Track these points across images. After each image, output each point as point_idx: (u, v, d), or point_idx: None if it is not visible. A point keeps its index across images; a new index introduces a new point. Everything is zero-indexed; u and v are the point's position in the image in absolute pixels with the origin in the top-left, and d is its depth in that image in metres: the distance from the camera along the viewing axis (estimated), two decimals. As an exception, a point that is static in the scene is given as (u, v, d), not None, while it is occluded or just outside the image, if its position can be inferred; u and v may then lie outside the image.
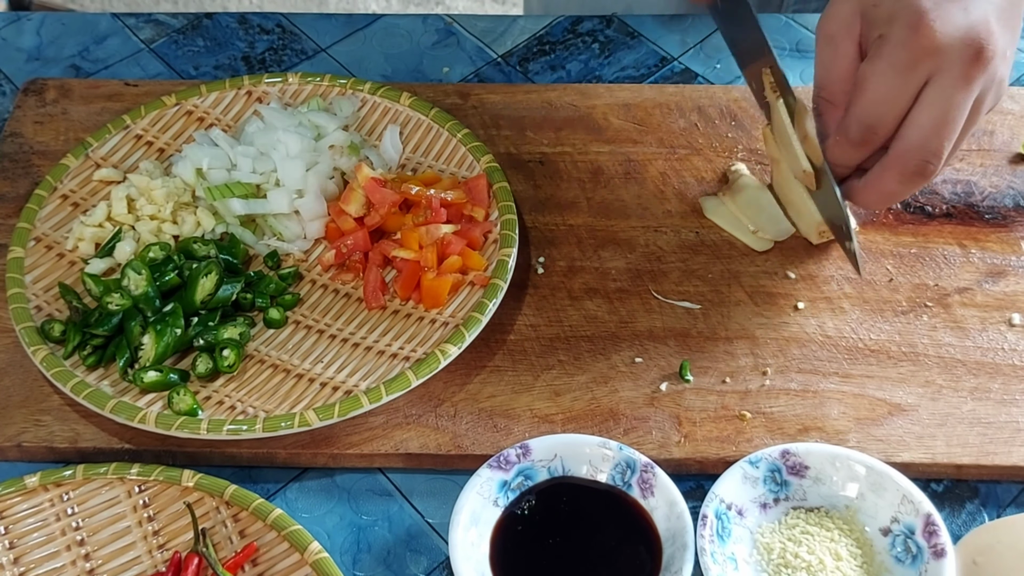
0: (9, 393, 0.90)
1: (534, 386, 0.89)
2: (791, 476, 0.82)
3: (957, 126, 0.82)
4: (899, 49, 0.81)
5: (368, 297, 0.94)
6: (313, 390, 0.88)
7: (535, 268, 0.97)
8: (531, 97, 1.09)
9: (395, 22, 1.20)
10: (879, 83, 0.82)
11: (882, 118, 0.83)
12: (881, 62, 0.82)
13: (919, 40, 0.80)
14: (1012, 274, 0.95)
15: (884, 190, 0.85)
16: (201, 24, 1.19)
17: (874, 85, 0.82)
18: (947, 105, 0.81)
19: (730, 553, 0.79)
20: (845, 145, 0.85)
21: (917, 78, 0.81)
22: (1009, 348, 0.91)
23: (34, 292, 0.94)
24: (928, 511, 0.78)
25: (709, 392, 0.89)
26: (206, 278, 0.92)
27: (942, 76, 0.80)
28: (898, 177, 0.84)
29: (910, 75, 0.81)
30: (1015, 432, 0.86)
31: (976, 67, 0.80)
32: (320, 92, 1.08)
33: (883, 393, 0.88)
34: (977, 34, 0.80)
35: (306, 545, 0.79)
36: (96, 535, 0.82)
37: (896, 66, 0.81)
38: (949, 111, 0.81)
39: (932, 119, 0.81)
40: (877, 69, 0.82)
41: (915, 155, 0.82)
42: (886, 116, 0.83)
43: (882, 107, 0.82)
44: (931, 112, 0.81)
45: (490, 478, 0.81)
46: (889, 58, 0.81)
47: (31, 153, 1.06)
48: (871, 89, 0.82)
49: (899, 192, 0.85)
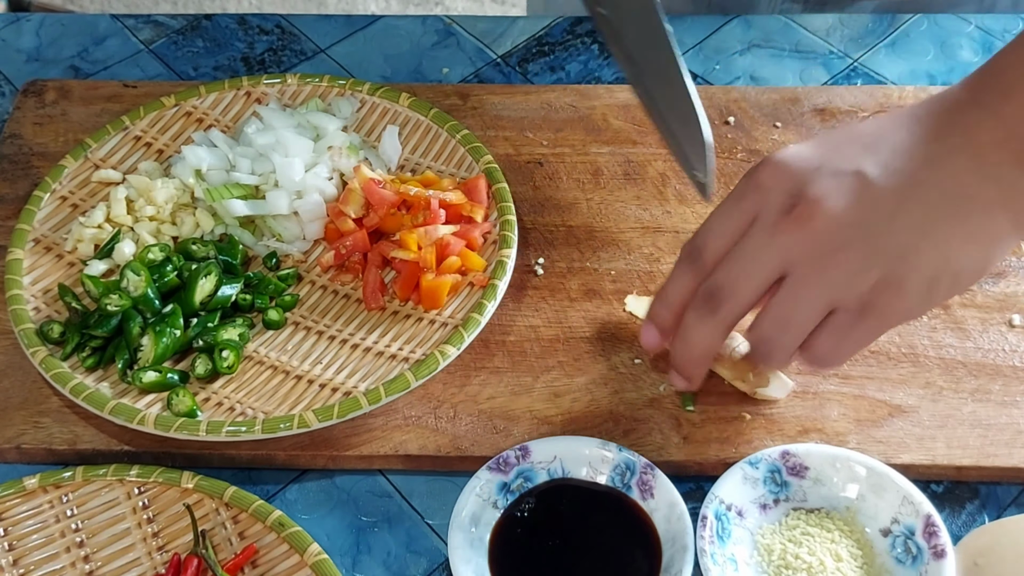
0: (8, 395, 0.89)
1: (533, 387, 0.89)
2: (791, 477, 0.82)
3: (751, 273, 0.74)
4: (740, 183, 0.77)
5: (367, 298, 0.94)
6: (312, 391, 0.88)
7: (534, 269, 0.97)
8: (530, 98, 1.09)
9: (394, 23, 1.20)
10: (714, 210, 0.77)
11: (703, 242, 0.77)
12: (729, 194, 0.77)
13: (753, 173, 0.75)
14: (1012, 275, 0.95)
15: (683, 327, 0.78)
16: (200, 25, 1.19)
17: (712, 213, 0.77)
18: (747, 245, 0.74)
19: (730, 554, 0.79)
20: (676, 267, 0.79)
21: (741, 211, 0.75)
22: (1010, 349, 0.91)
23: (33, 293, 0.94)
24: (928, 512, 0.78)
25: (708, 394, 0.88)
26: (205, 279, 0.92)
27: (758, 221, 0.74)
28: (690, 307, 0.77)
29: (736, 206, 0.75)
30: (1016, 434, 0.86)
31: (785, 220, 0.72)
32: (319, 93, 1.08)
33: (883, 394, 0.88)
34: (803, 188, 0.72)
35: (306, 546, 0.79)
36: (96, 537, 0.82)
37: (732, 194, 0.76)
38: (747, 253, 0.74)
39: (732, 255, 0.75)
40: (723, 200, 0.77)
41: (707, 287, 0.76)
42: (705, 240, 0.77)
43: (705, 231, 0.77)
44: (735, 253, 0.75)
45: (489, 480, 0.81)
46: (732, 191, 0.77)
47: (30, 154, 1.06)
48: (710, 216, 0.78)
49: (691, 331, 0.77)
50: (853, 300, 0.72)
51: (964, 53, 1.15)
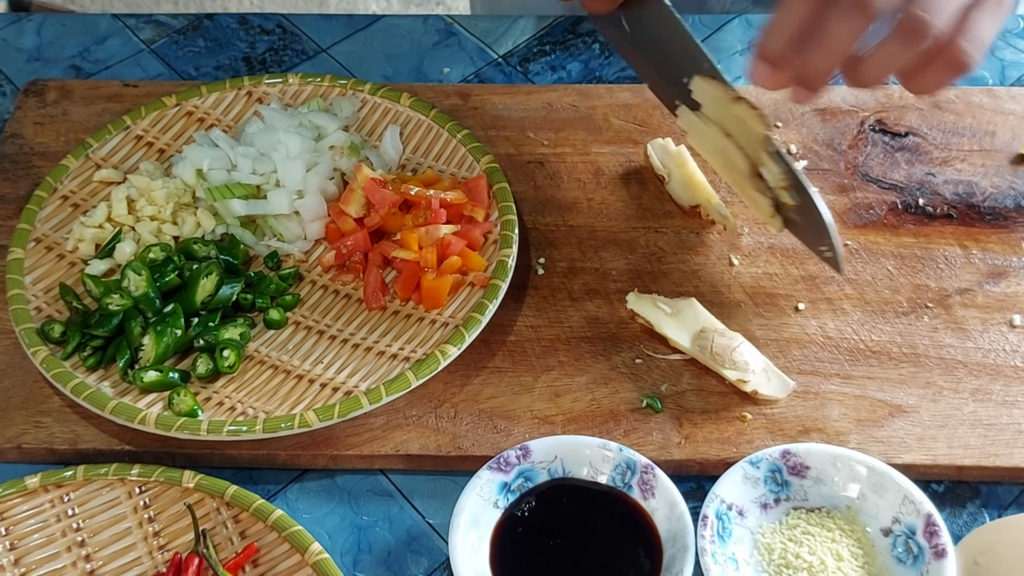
0: (9, 395, 0.90)
1: (534, 387, 0.89)
2: (792, 476, 0.82)
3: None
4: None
5: (368, 298, 0.94)
6: (313, 391, 0.88)
7: (535, 269, 0.97)
8: (531, 98, 1.09)
9: (395, 22, 1.20)
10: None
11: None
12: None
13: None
14: (1013, 275, 0.95)
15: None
16: (201, 25, 1.19)
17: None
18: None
19: (731, 554, 0.79)
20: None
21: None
22: (1010, 349, 0.91)
23: (34, 293, 0.94)
24: (929, 511, 0.78)
25: (710, 393, 0.89)
26: (206, 279, 0.92)
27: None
28: (833, 13, 0.76)
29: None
30: (1016, 434, 0.86)
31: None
32: (320, 93, 1.08)
33: (884, 394, 0.88)
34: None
35: (307, 546, 0.79)
36: (97, 536, 0.82)
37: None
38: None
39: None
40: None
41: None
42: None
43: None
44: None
45: (490, 480, 0.81)
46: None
47: (31, 154, 1.06)
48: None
49: (836, 30, 0.76)
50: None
51: (965, 53, 1.15)
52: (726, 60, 1.14)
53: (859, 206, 1.00)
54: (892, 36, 0.77)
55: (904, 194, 1.01)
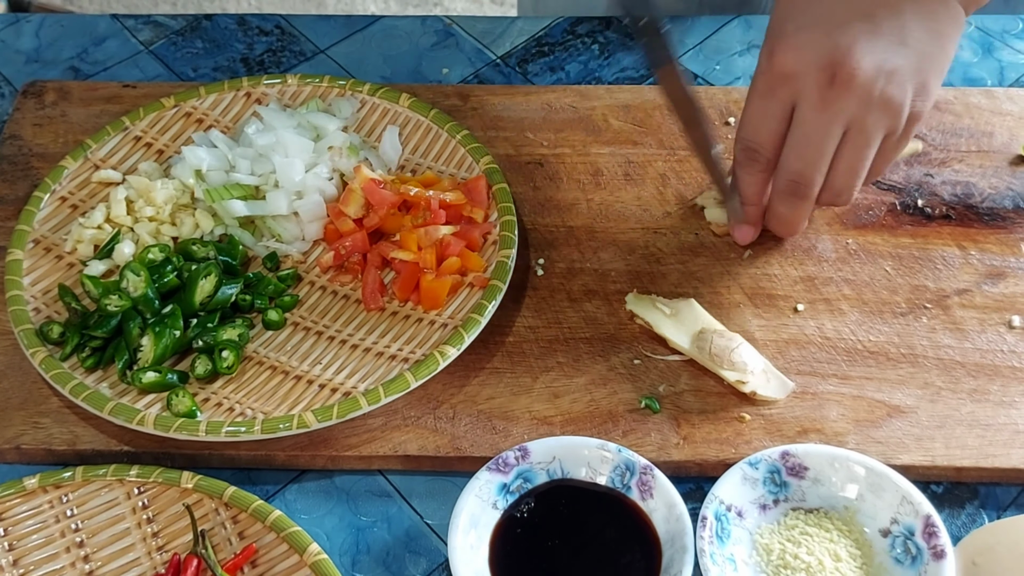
0: (8, 395, 0.89)
1: (533, 388, 0.89)
2: (790, 477, 0.82)
3: (821, 149, 0.84)
4: (760, 76, 0.85)
5: (367, 298, 0.94)
6: (312, 392, 0.88)
7: (534, 270, 0.97)
8: (530, 98, 1.09)
9: (394, 23, 1.20)
10: (750, 107, 0.87)
11: (756, 140, 0.87)
12: (752, 87, 0.86)
13: (774, 66, 0.83)
14: (1011, 276, 0.95)
15: (773, 212, 0.91)
16: (200, 26, 1.19)
17: (747, 109, 0.87)
18: (806, 129, 0.84)
19: (729, 554, 0.79)
20: (736, 168, 0.90)
21: (780, 103, 0.84)
22: (1008, 350, 0.91)
23: (33, 294, 0.94)
24: (928, 512, 0.78)
25: (708, 394, 0.89)
26: (205, 280, 0.92)
27: (801, 100, 0.83)
28: (778, 199, 0.89)
29: (772, 100, 0.84)
30: (1014, 434, 0.86)
31: (832, 90, 0.81)
32: (319, 93, 1.08)
33: (882, 395, 0.88)
34: (833, 57, 0.80)
35: (305, 546, 0.79)
36: (96, 537, 0.82)
37: (760, 92, 0.85)
38: (810, 134, 0.84)
39: (795, 142, 0.85)
40: (750, 94, 0.87)
41: (784, 176, 0.87)
42: (760, 138, 0.87)
43: (753, 129, 0.87)
44: (794, 136, 0.85)
45: (489, 481, 0.81)
46: (755, 83, 0.86)
47: (30, 155, 1.06)
48: (745, 112, 0.87)
49: (785, 214, 0.91)
50: (902, 119, 0.84)
51: (963, 53, 1.15)
52: (725, 61, 1.14)
53: (857, 207, 1.00)
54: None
55: (902, 195, 1.01)
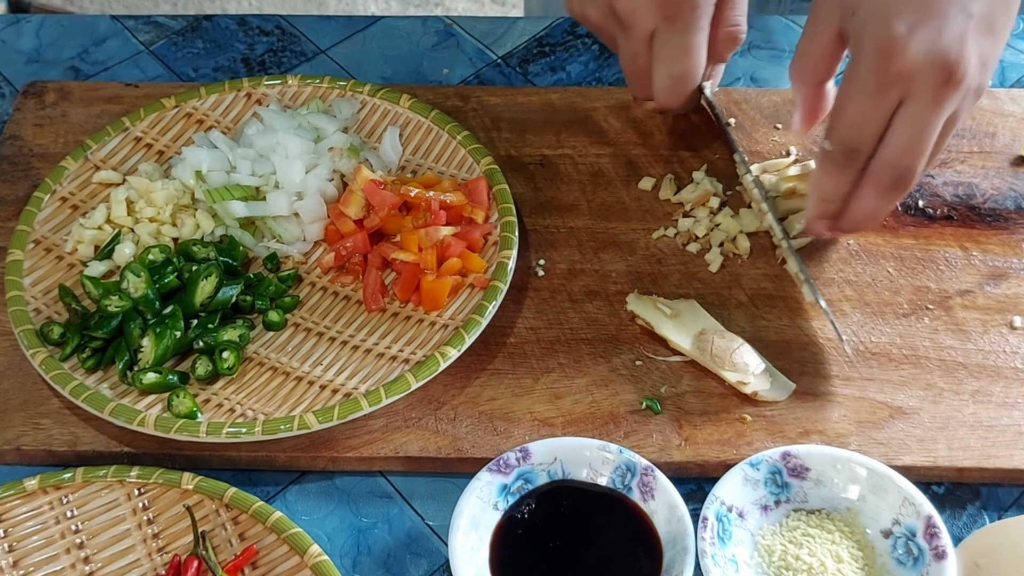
0: (8, 396, 0.89)
1: (534, 389, 0.89)
2: (792, 478, 0.82)
3: (929, 143, 0.84)
4: (870, 74, 0.82)
5: (367, 299, 0.93)
6: (312, 393, 0.88)
7: (535, 270, 0.97)
8: (531, 99, 1.09)
9: (395, 24, 1.20)
10: (853, 107, 0.84)
11: (859, 140, 0.85)
12: (854, 86, 0.84)
13: (889, 66, 0.81)
14: (1014, 276, 0.95)
15: (864, 207, 0.88)
16: (200, 26, 1.19)
17: (849, 109, 0.84)
18: (919, 126, 0.83)
19: (731, 555, 0.79)
20: (831, 169, 0.87)
21: (889, 102, 0.83)
22: (1011, 351, 0.91)
23: (33, 295, 0.94)
24: (929, 513, 0.78)
25: (710, 395, 0.88)
26: (206, 280, 0.92)
27: (914, 99, 0.82)
28: (875, 193, 0.86)
29: (882, 99, 0.83)
30: (1017, 435, 0.86)
31: (947, 89, 0.81)
32: (320, 94, 1.08)
33: (884, 396, 0.88)
34: (947, 57, 0.80)
35: (306, 548, 0.79)
36: (96, 538, 0.82)
37: (867, 91, 0.83)
38: (922, 131, 0.83)
39: (905, 139, 0.83)
40: (850, 93, 0.84)
41: (888, 172, 0.85)
42: (863, 138, 0.85)
43: (857, 130, 0.85)
44: (904, 133, 0.83)
45: (490, 482, 0.81)
46: (861, 83, 0.83)
47: (31, 155, 1.06)
48: (847, 113, 0.84)
49: (878, 208, 0.88)
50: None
51: (965, 54, 1.14)
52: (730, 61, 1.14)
53: (859, 207, 1.00)
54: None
55: (904, 195, 1.01)
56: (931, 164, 0.87)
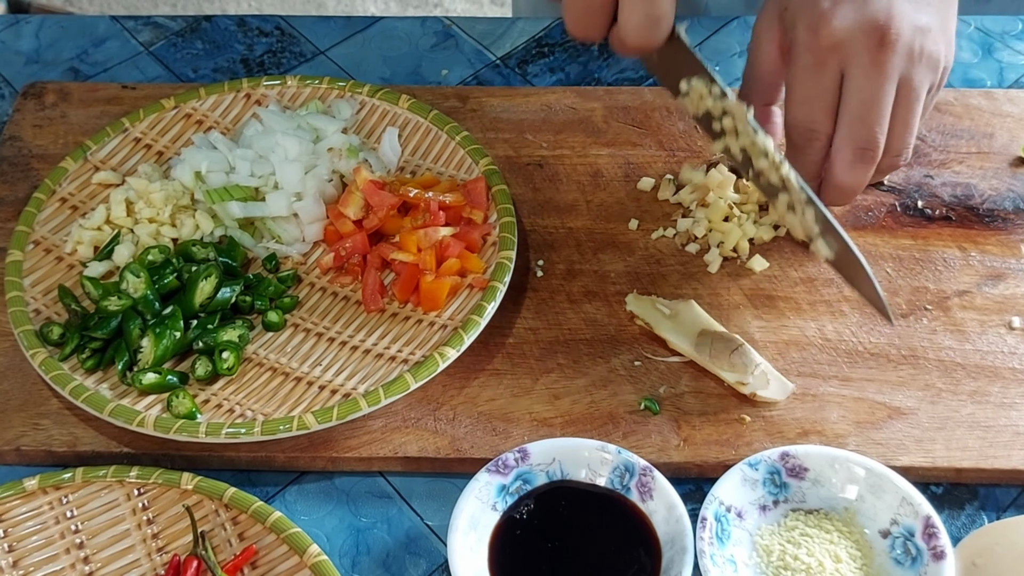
0: (7, 397, 0.89)
1: (533, 389, 0.89)
2: (790, 478, 0.82)
3: (882, 110, 0.85)
4: (806, 52, 0.85)
5: (367, 300, 0.94)
6: (311, 393, 0.88)
7: (534, 271, 0.97)
8: (530, 100, 1.09)
9: (393, 24, 1.20)
10: (798, 88, 0.86)
11: (811, 118, 0.87)
12: (795, 67, 0.86)
13: (819, 40, 0.84)
14: (1012, 277, 0.95)
15: (835, 183, 0.89)
16: (200, 27, 1.19)
17: (795, 91, 0.87)
18: (865, 94, 0.84)
19: (729, 555, 0.79)
20: (795, 152, 0.89)
21: (829, 74, 0.85)
22: (1008, 351, 0.91)
23: (33, 295, 0.94)
24: (927, 513, 0.78)
25: (708, 396, 0.89)
26: (205, 281, 0.92)
27: (852, 68, 0.84)
28: (841, 168, 0.87)
29: (821, 73, 0.85)
30: (1015, 435, 0.86)
31: (883, 52, 0.83)
32: (319, 95, 1.08)
33: (883, 396, 0.88)
34: (876, 20, 0.82)
35: (305, 547, 0.79)
36: (95, 538, 0.82)
37: (807, 68, 0.85)
38: (870, 99, 0.84)
39: (855, 109, 0.85)
40: (794, 74, 0.86)
41: (849, 145, 0.86)
42: (816, 115, 0.86)
43: (807, 108, 0.86)
44: (852, 103, 0.85)
45: (488, 482, 0.81)
46: (800, 63, 0.86)
47: (30, 156, 1.06)
48: (794, 95, 0.87)
49: (850, 182, 0.88)
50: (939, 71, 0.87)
51: (963, 54, 1.15)
52: (725, 62, 1.14)
53: (857, 208, 1.00)
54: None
55: (902, 196, 1.01)
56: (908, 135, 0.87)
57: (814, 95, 0.86)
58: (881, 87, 0.84)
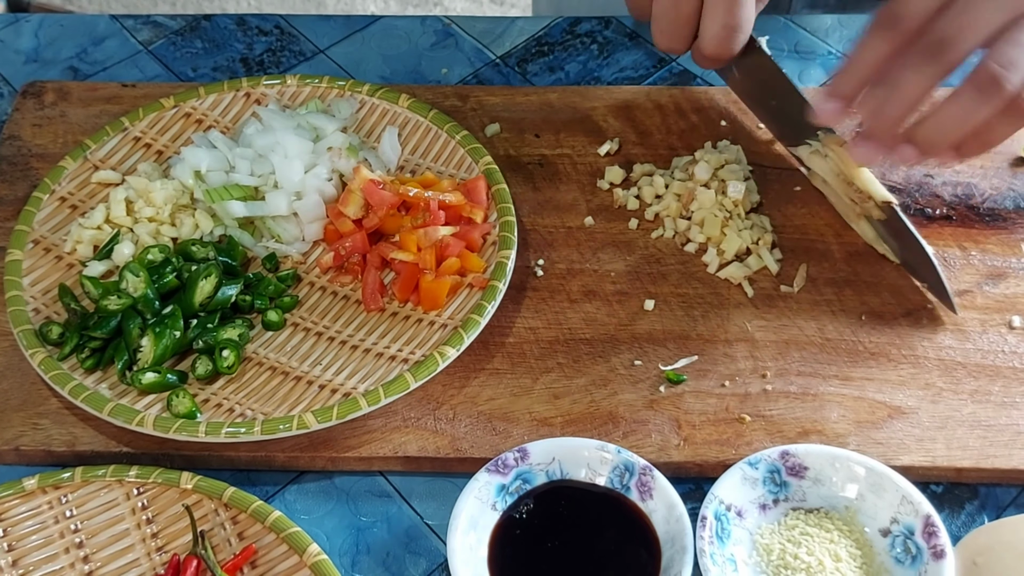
0: (7, 396, 0.89)
1: (533, 389, 0.89)
2: (790, 477, 0.82)
3: (983, 24, 0.77)
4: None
5: (366, 299, 0.93)
6: (311, 392, 0.88)
7: (534, 270, 0.97)
8: (530, 99, 1.09)
9: (393, 23, 1.20)
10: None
11: (907, 8, 0.79)
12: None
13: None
14: (1012, 276, 0.95)
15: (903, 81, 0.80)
16: (199, 26, 1.19)
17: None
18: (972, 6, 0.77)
19: (729, 554, 0.79)
20: (869, 34, 0.81)
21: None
22: (1009, 350, 0.91)
23: (32, 295, 0.94)
24: (928, 512, 0.78)
25: (708, 395, 0.89)
26: (205, 280, 0.92)
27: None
28: (911, 62, 0.79)
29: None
30: (1015, 435, 0.86)
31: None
32: (319, 94, 1.08)
33: (883, 396, 0.88)
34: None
35: (305, 547, 0.79)
36: (95, 537, 0.82)
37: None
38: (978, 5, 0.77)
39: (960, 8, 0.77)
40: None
41: (928, 38, 0.78)
42: (911, 7, 0.79)
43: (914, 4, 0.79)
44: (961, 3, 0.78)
45: (488, 482, 0.81)
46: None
47: (29, 156, 1.06)
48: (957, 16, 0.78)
49: (916, 85, 0.79)
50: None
51: (963, 54, 1.15)
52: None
53: (858, 207, 1.00)
54: (964, 91, 0.78)
55: (903, 195, 1.01)
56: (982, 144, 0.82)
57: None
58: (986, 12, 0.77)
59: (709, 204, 0.98)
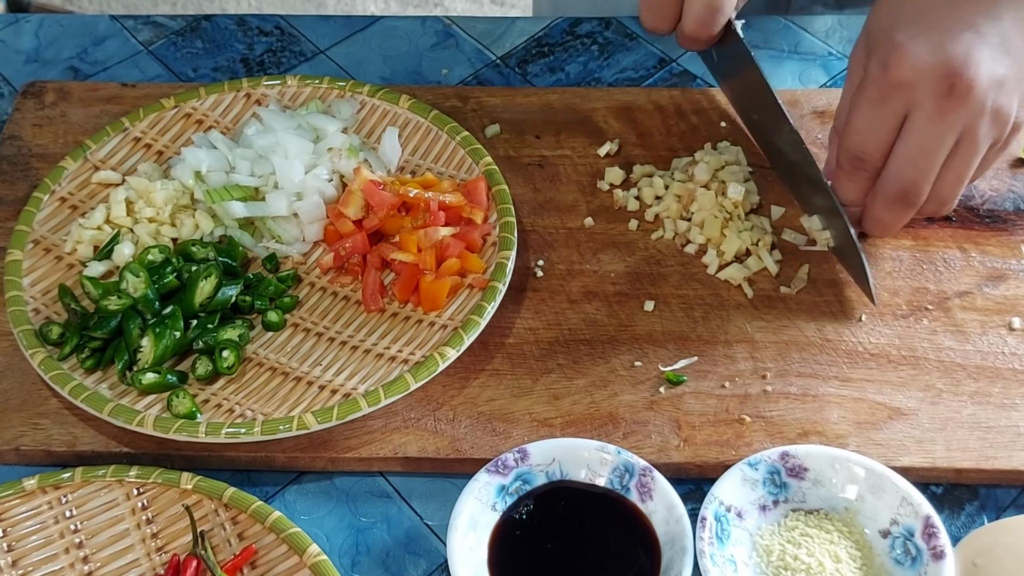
0: (7, 396, 0.89)
1: (533, 390, 0.89)
2: (790, 478, 0.82)
3: (935, 159, 0.84)
4: (873, 84, 0.84)
5: (367, 300, 0.93)
6: (311, 393, 0.88)
7: (534, 271, 0.97)
8: (531, 100, 1.09)
9: (394, 24, 1.20)
10: (858, 116, 0.86)
11: (865, 149, 0.86)
12: (860, 96, 0.85)
13: (889, 76, 0.83)
14: (1012, 278, 0.95)
15: (874, 216, 0.90)
16: (200, 26, 1.19)
17: (854, 118, 0.86)
18: (921, 138, 0.83)
19: (729, 555, 0.79)
20: (840, 175, 0.89)
21: (892, 112, 0.84)
22: (1009, 352, 0.91)
23: (32, 295, 0.94)
24: (927, 513, 0.78)
25: (708, 396, 0.89)
26: (205, 281, 0.92)
27: (916, 110, 0.83)
28: (882, 205, 0.88)
29: (883, 108, 0.84)
30: (1015, 436, 0.86)
31: (950, 100, 0.81)
32: (319, 94, 1.08)
33: (883, 397, 0.88)
34: (951, 68, 0.80)
35: (305, 547, 0.79)
36: (95, 537, 0.82)
37: (871, 100, 0.84)
38: (924, 144, 0.83)
39: (908, 151, 0.84)
40: (857, 103, 0.86)
41: (893, 184, 0.86)
42: (868, 147, 0.86)
43: (862, 138, 0.86)
44: (907, 144, 0.84)
45: (488, 483, 0.81)
46: (865, 92, 0.85)
47: (30, 156, 1.06)
48: (852, 121, 0.86)
49: (889, 219, 0.89)
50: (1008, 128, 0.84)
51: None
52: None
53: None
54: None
55: (903, 196, 1.01)
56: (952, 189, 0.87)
57: (871, 128, 0.85)
58: (939, 135, 0.83)
59: (709, 205, 0.98)
